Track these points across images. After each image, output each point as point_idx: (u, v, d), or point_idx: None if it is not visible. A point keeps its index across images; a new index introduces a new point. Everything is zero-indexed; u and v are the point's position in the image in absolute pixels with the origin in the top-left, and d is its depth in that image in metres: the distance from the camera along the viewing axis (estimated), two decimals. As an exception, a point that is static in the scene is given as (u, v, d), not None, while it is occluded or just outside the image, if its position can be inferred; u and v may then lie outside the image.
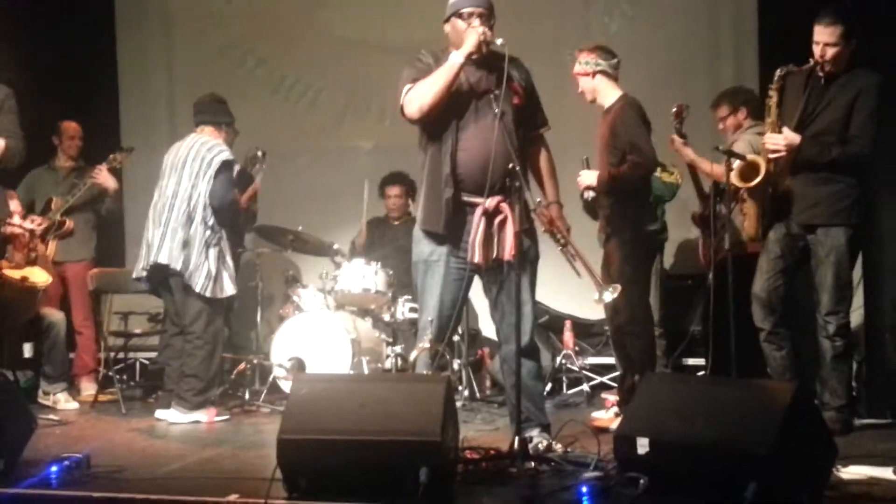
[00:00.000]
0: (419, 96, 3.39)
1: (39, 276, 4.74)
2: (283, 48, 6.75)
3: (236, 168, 4.58)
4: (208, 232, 4.38)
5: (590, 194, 4.21)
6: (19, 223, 4.68)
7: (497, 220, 3.39)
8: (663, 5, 6.25)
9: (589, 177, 4.21)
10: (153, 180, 4.70)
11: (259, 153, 5.19)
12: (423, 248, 3.48)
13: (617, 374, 5.22)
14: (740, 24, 6.11)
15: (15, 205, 4.79)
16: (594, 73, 4.26)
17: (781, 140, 3.88)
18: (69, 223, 5.22)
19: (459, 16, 3.45)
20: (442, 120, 3.42)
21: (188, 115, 4.87)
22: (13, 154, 3.82)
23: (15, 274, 4.59)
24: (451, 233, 3.42)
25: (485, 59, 3.41)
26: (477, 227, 3.36)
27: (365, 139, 6.60)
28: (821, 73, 3.91)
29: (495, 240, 3.39)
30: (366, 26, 6.64)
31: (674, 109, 4.55)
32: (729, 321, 3.88)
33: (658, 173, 4.71)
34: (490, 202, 3.37)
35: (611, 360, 5.30)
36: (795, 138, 3.87)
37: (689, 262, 5.35)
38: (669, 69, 6.11)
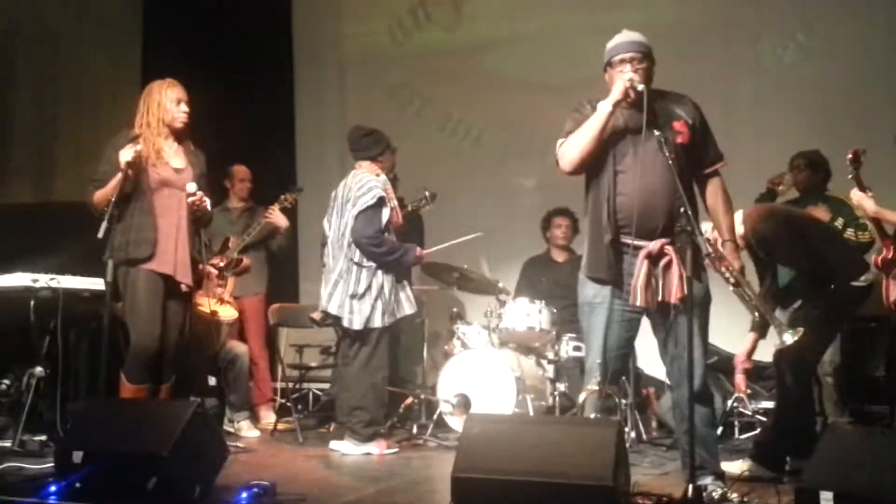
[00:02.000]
0: (570, 150, 3.40)
1: (227, 312, 5.08)
2: (447, 88, 6.97)
3: (385, 210, 4.62)
4: (355, 268, 4.52)
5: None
6: (211, 261, 5.02)
7: (662, 262, 3.33)
8: (840, 35, 6.02)
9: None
10: (324, 217, 4.89)
11: (427, 194, 5.34)
12: (587, 290, 3.48)
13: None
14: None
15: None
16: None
17: None
18: (246, 261, 5.50)
19: (611, 63, 3.45)
20: (600, 165, 3.40)
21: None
22: (210, 217, 4.18)
23: (206, 308, 4.93)
24: (614, 276, 3.39)
25: (641, 101, 3.35)
26: (639, 270, 3.32)
27: (527, 177, 6.69)
28: None
29: (660, 283, 3.32)
30: (527, 67, 6.75)
31: (849, 155, 4.37)
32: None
33: (852, 233, 4.54)
34: (654, 245, 3.33)
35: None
36: None
37: (872, 302, 5.07)
38: (847, 103, 5.88)
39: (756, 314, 3.64)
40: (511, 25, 6.84)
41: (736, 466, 3.96)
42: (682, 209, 3.26)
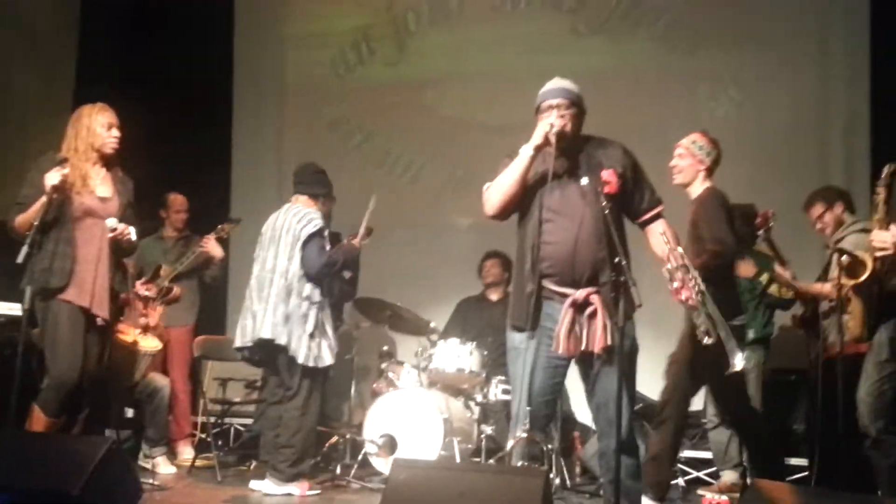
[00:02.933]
0: (493, 194, 3.41)
1: (150, 343, 4.93)
2: (388, 124, 6.98)
3: (326, 234, 4.61)
4: (305, 304, 4.45)
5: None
6: (136, 290, 4.88)
7: (587, 311, 3.31)
8: (772, 91, 6.19)
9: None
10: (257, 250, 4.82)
11: (362, 229, 5.29)
12: (513, 335, 3.45)
13: (714, 469, 5.10)
14: (852, 115, 6.01)
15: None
16: (702, 162, 4.18)
17: (889, 238, 3.74)
18: (177, 290, 5.39)
19: (540, 109, 3.45)
20: (527, 212, 3.40)
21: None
22: (134, 246, 4.08)
23: (127, 338, 4.77)
24: (534, 325, 3.37)
25: (571, 148, 3.37)
26: (564, 318, 3.31)
27: (464, 216, 6.70)
28: (931, 171, 3.81)
29: (585, 331, 3.31)
30: (468, 106, 6.81)
31: (758, 220, 4.47)
32: (834, 424, 3.74)
33: (776, 289, 4.65)
34: (580, 294, 3.31)
35: (708, 455, 5.16)
36: None
37: (793, 356, 5.19)
38: (777, 157, 6.05)
39: (708, 336, 3.58)
40: (453, 64, 6.89)
41: None
42: (616, 259, 3.25)
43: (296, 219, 4.57)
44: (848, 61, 6.09)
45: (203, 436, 5.28)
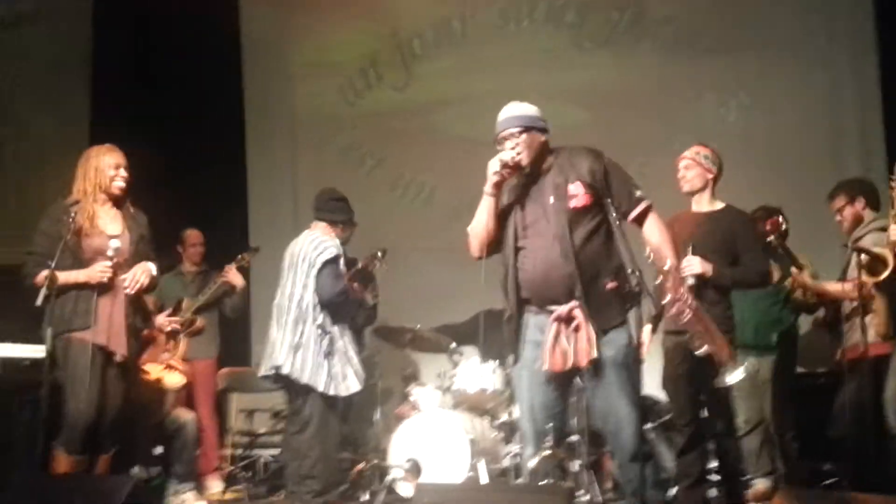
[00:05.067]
0: (471, 237, 3.44)
1: (173, 378, 4.96)
2: (398, 148, 7.01)
3: (342, 261, 4.61)
4: (319, 331, 4.44)
5: (692, 281, 4.07)
6: (159, 324, 4.93)
7: (572, 325, 3.27)
8: (782, 93, 6.17)
9: (701, 265, 4.07)
10: (277, 278, 4.81)
11: (379, 253, 5.32)
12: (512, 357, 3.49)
13: (747, 477, 5.02)
14: (865, 111, 5.97)
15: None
16: (711, 174, 4.23)
17: None
18: (199, 322, 5.44)
19: (496, 142, 3.42)
20: (503, 244, 3.41)
21: (311, 214, 4.95)
22: (155, 282, 4.13)
23: (151, 375, 4.81)
24: (514, 349, 3.40)
25: (539, 168, 3.35)
26: (549, 334, 3.29)
27: (479, 235, 6.68)
28: (948, 166, 3.77)
29: (572, 345, 3.27)
30: (477, 126, 6.74)
31: (767, 227, 4.46)
32: (865, 425, 3.69)
33: (801, 294, 4.66)
34: (563, 309, 3.27)
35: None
36: None
37: (820, 359, 5.13)
38: (791, 158, 6.01)
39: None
40: (461, 85, 6.91)
41: None
42: (630, 270, 3.25)
43: (312, 245, 4.58)
44: (856, 57, 6.06)
45: (232, 468, 5.28)
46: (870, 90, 5.94)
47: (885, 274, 3.85)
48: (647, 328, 4.17)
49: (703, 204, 4.26)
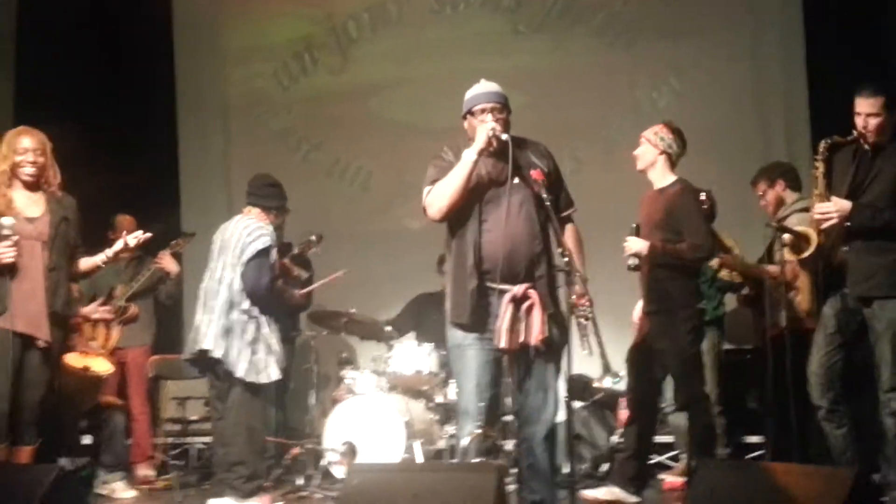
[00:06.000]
0: (438, 198, 3.46)
1: (101, 366, 4.85)
2: (335, 133, 6.96)
3: (273, 253, 4.54)
4: (245, 317, 4.39)
5: (634, 261, 4.22)
6: (87, 312, 4.81)
7: (525, 305, 3.40)
8: (711, 80, 6.28)
9: (638, 244, 4.21)
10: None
11: (313, 237, 5.28)
12: (455, 333, 3.52)
13: (675, 452, 5.14)
14: (791, 97, 6.12)
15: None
16: (662, 152, 4.31)
17: (831, 206, 3.82)
18: (133, 309, 5.34)
19: (472, 113, 3.53)
20: (464, 213, 3.47)
21: (245, 200, 4.88)
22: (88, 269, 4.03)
23: (77, 363, 4.70)
24: (479, 319, 3.45)
25: (501, 150, 3.45)
26: (504, 313, 3.38)
27: (415, 220, 6.68)
28: (866, 145, 3.88)
29: (523, 325, 3.40)
30: (413, 110, 6.82)
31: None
32: (788, 399, 3.80)
33: (727, 273, 4.75)
34: (518, 289, 3.40)
35: (668, 439, 5.20)
36: (846, 204, 3.80)
37: (746, 336, 5.26)
38: (720, 145, 6.12)
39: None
40: (397, 70, 6.89)
41: (601, 493, 4.22)
42: (550, 253, 3.39)
43: (246, 231, 4.51)
44: (783, 44, 6.20)
45: (163, 457, 5.20)
46: (796, 77, 6.09)
47: (809, 252, 3.94)
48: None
49: (657, 181, 4.36)
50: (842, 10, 5.61)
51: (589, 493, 4.32)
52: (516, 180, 3.41)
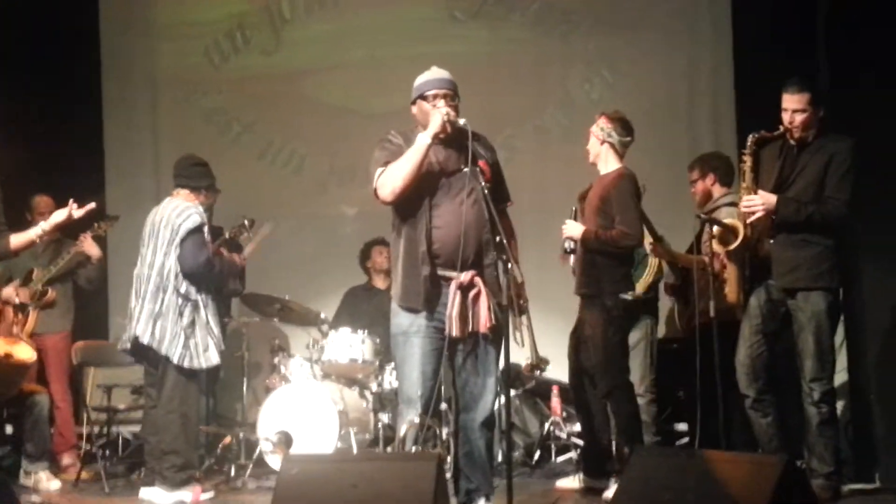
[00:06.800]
0: (391, 179, 3.47)
1: (24, 353, 4.69)
2: (267, 114, 6.83)
3: (206, 230, 4.47)
4: (181, 300, 4.32)
5: (570, 244, 4.29)
6: (7, 296, 4.64)
7: (471, 293, 3.46)
8: (643, 73, 6.36)
9: (574, 228, 4.28)
10: (137, 247, 4.64)
11: (246, 221, 5.18)
12: (401, 320, 3.53)
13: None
14: (718, 91, 6.23)
15: None
16: (603, 141, 4.37)
17: (758, 199, 3.93)
18: (51, 293, 5.19)
19: (424, 98, 3.56)
20: (415, 199, 3.50)
21: (173, 182, 4.81)
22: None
23: (-1, 350, 4.55)
24: (429, 306, 3.48)
25: (452, 137, 3.50)
26: (453, 300, 3.43)
27: (349, 205, 6.65)
28: (792, 140, 4.00)
29: (470, 312, 3.46)
30: (347, 94, 6.75)
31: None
32: (715, 388, 3.91)
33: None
34: (465, 276, 3.46)
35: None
36: (772, 198, 3.92)
37: (673, 326, 5.39)
38: (649, 135, 6.17)
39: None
40: (332, 52, 6.79)
41: (571, 482, 4.34)
42: (497, 239, 3.43)
43: (175, 213, 4.42)
44: (713, 40, 6.30)
45: (88, 447, 5.07)
46: (724, 73, 6.21)
47: (736, 244, 4.06)
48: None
49: (602, 171, 4.41)
50: (772, 5, 5.73)
51: (561, 483, 4.45)
52: (465, 168, 3.45)
